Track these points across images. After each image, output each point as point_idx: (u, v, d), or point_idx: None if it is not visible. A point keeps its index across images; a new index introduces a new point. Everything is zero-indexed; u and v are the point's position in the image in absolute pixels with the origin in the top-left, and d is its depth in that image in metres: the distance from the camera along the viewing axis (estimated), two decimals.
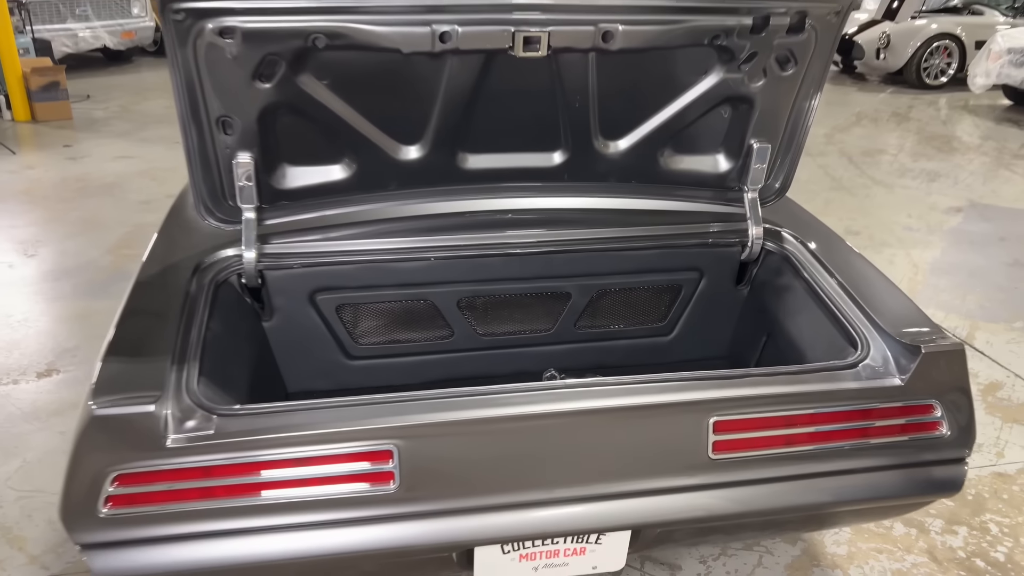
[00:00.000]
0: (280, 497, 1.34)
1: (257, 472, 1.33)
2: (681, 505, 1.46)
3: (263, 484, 1.34)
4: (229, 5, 1.39)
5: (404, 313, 1.97)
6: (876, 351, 1.53)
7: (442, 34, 1.46)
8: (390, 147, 1.72)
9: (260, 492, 1.34)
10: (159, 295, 1.61)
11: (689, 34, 1.56)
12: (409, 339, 2.01)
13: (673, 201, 1.92)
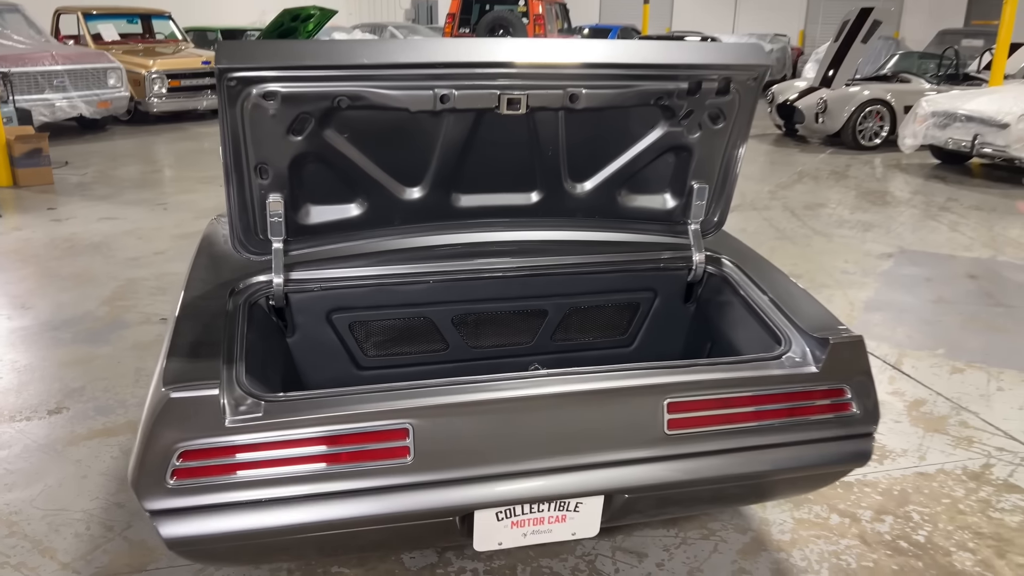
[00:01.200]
0: (317, 469, 1.63)
1: (298, 448, 1.62)
2: (643, 474, 1.78)
3: (303, 458, 1.62)
4: (272, 74, 1.74)
5: (406, 329, 2.30)
6: (796, 346, 1.89)
7: (442, 96, 1.82)
8: (396, 189, 2.07)
9: (301, 465, 1.62)
10: (204, 311, 1.91)
11: (639, 96, 1.95)
12: (410, 351, 2.33)
13: (630, 233, 2.30)
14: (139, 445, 1.60)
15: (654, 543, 2.44)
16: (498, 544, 1.83)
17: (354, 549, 1.87)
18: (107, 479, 2.75)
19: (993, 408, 3.32)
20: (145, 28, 12.49)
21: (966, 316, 4.37)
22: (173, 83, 11.04)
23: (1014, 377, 3.61)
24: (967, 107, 8.00)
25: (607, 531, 2.47)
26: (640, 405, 1.76)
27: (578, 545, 2.42)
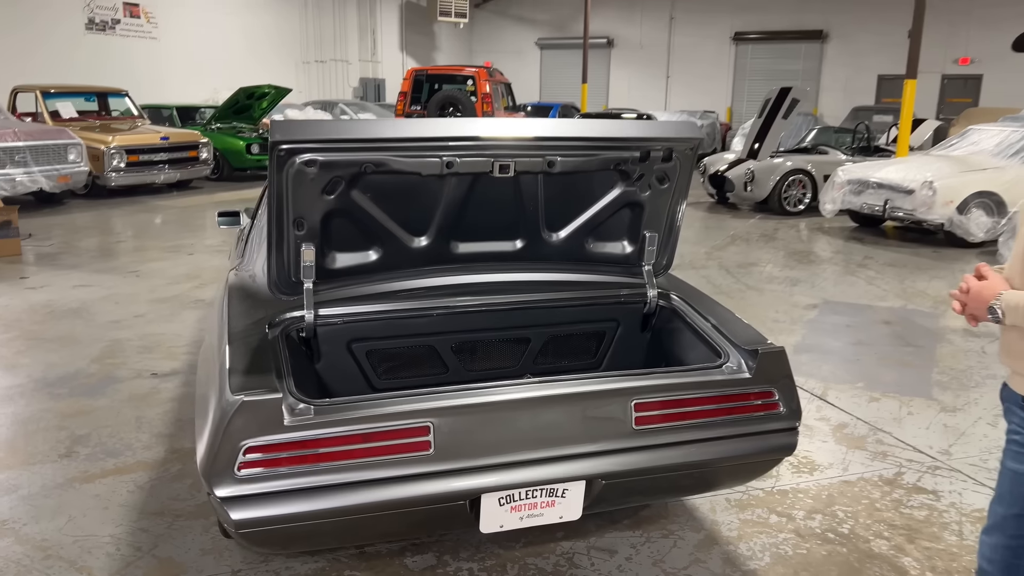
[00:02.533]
0: (357, 460, 2.00)
1: (343, 444, 2.00)
2: (616, 462, 2.20)
3: (346, 452, 2.00)
4: (314, 146, 2.17)
5: (414, 356, 2.70)
6: (732, 358, 2.36)
7: (448, 162, 2.28)
8: (406, 239, 2.51)
9: (344, 458, 2.00)
10: (248, 340, 2.29)
11: (602, 162, 2.45)
12: (417, 375, 2.72)
13: (596, 274, 2.78)
14: (209, 442, 1.96)
15: (623, 542, 2.84)
16: (500, 526, 2.21)
17: (383, 534, 2.23)
18: (128, 509, 3.02)
19: (904, 428, 3.84)
20: (101, 105, 12.80)
21: (881, 355, 4.95)
22: (132, 158, 11.33)
23: (921, 404, 4.16)
24: (878, 175, 8.86)
25: (582, 533, 2.87)
26: (612, 405, 2.19)
27: (558, 545, 2.80)
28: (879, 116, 14.93)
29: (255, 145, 13.36)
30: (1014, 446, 1.84)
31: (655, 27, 24.52)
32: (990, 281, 1.82)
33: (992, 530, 1.90)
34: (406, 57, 24.54)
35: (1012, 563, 1.85)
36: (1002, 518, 1.86)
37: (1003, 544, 1.86)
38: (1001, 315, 1.76)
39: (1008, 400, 1.90)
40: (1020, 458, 1.82)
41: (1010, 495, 1.85)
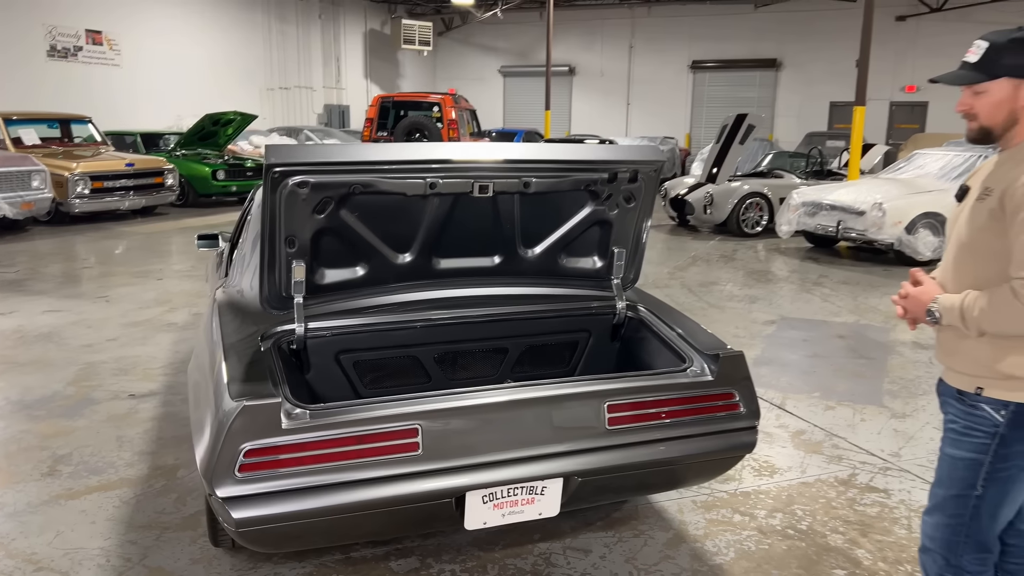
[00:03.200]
0: (351, 461, 2.13)
1: (338, 445, 2.13)
2: (591, 460, 2.36)
3: (341, 453, 2.13)
4: (306, 168, 2.33)
5: (398, 366, 2.85)
6: (696, 362, 2.55)
7: (431, 183, 2.45)
8: (391, 255, 2.66)
9: (339, 459, 2.13)
10: (243, 351, 2.41)
11: (573, 183, 2.64)
12: (401, 384, 2.86)
13: (568, 288, 2.96)
14: (210, 446, 2.08)
15: (597, 542, 2.99)
16: (483, 523, 2.35)
17: (375, 532, 2.35)
18: (115, 523, 3.09)
19: (858, 434, 4.07)
20: (64, 132, 12.74)
21: (836, 367, 5.20)
22: (96, 184, 11.30)
23: (873, 411, 4.40)
24: (831, 198, 9.23)
25: (558, 534, 3.02)
26: (587, 407, 2.36)
27: (536, 546, 2.95)
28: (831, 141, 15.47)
29: (221, 171, 13.38)
30: (951, 434, 2.01)
31: (615, 56, 25.10)
32: (925, 286, 2.00)
33: (933, 511, 2.06)
34: (370, 84, 24.76)
35: (952, 540, 2.01)
36: (942, 499, 2.03)
37: (943, 523, 2.03)
38: (938, 316, 1.93)
39: (944, 394, 2.07)
40: (957, 444, 1.98)
41: (948, 478, 2.01)
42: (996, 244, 1.83)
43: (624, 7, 24.50)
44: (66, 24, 15.68)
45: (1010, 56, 1.83)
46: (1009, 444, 1.89)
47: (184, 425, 4.05)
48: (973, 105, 1.91)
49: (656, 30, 24.42)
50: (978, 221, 1.89)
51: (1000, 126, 1.89)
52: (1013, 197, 1.78)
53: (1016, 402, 1.87)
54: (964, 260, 1.94)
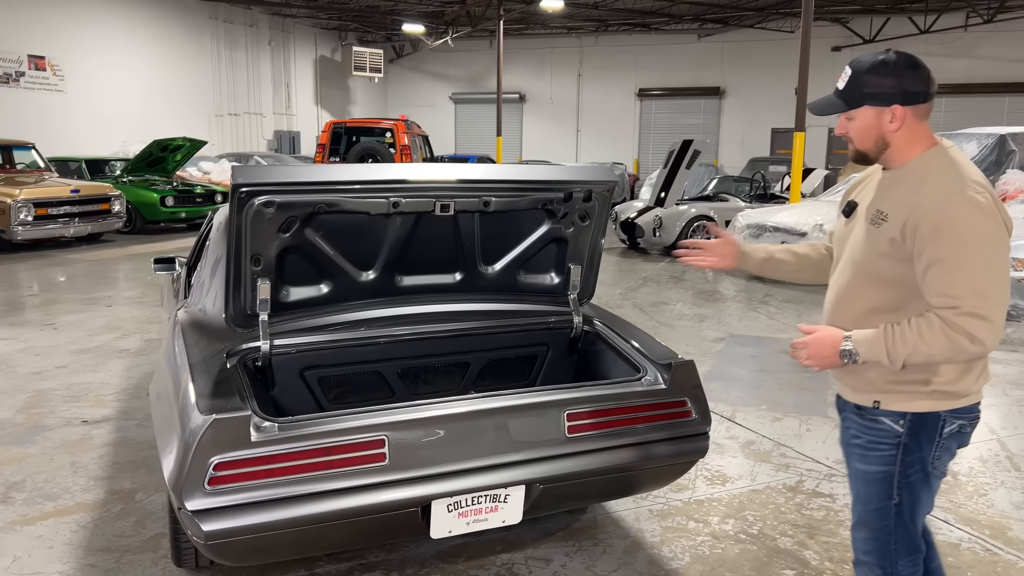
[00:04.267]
0: (320, 472, 2.18)
1: (306, 457, 2.18)
2: (552, 467, 2.44)
3: (310, 464, 2.18)
4: (271, 188, 2.39)
5: (362, 381, 2.90)
6: (649, 372, 2.67)
7: (394, 202, 2.53)
8: (354, 273, 2.73)
9: (308, 470, 2.18)
10: (209, 368, 2.44)
11: (531, 202, 2.75)
12: (365, 399, 2.91)
13: (527, 304, 3.06)
14: (179, 460, 2.11)
15: (557, 551, 3.07)
16: (448, 532, 2.42)
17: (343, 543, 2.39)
18: (73, 547, 3.06)
19: (804, 443, 4.24)
20: (6, 159, 12.45)
21: (783, 381, 5.40)
22: (40, 211, 11.07)
23: (818, 422, 4.58)
24: (774, 220, 9.56)
25: (519, 545, 3.09)
26: (548, 416, 2.45)
27: (498, 557, 3.01)
28: (774, 166, 15.97)
29: (170, 198, 13.21)
30: (857, 449, 2.02)
31: (564, 83, 25.56)
32: (822, 334, 1.92)
33: (859, 526, 2.06)
34: (321, 110, 24.73)
35: (883, 549, 2.02)
36: (865, 514, 2.03)
37: (872, 536, 2.03)
38: (856, 356, 1.86)
39: (844, 410, 2.08)
40: (865, 459, 1.99)
41: (865, 493, 2.02)
42: (898, 270, 1.84)
43: (572, 36, 25.02)
44: (7, 49, 15.38)
45: (871, 84, 1.85)
46: (912, 451, 1.93)
47: (140, 449, 4.02)
48: (848, 130, 1.94)
49: (604, 59, 24.97)
50: (878, 248, 1.87)
51: (872, 150, 1.92)
52: (919, 225, 1.77)
53: (913, 412, 1.91)
54: (861, 284, 1.93)
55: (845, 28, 21.62)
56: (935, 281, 1.76)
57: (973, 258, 1.73)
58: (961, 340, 1.74)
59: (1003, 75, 20.54)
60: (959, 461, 4.02)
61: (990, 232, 1.75)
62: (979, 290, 1.73)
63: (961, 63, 21.03)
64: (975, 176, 1.80)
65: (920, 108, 1.87)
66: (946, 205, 1.75)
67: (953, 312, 1.74)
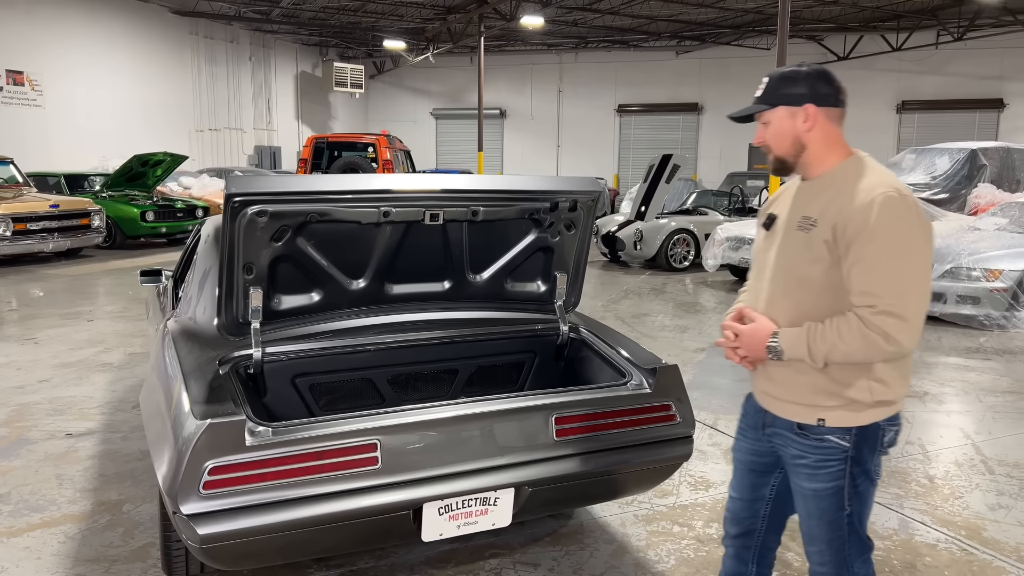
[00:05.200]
0: (313, 476, 2.21)
1: (300, 461, 2.21)
2: (541, 471, 2.49)
3: (303, 468, 2.21)
4: (264, 198, 2.43)
5: (352, 388, 2.94)
6: (635, 376, 2.73)
7: (385, 212, 2.58)
8: (345, 282, 2.77)
9: (301, 474, 2.21)
10: (203, 375, 2.47)
11: (518, 212, 2.81)
12: (356, 406, 2.95)
13: (514, 312, 3.11)
14: (174, 464, 2.13)
15: (545, 555, 3.11)
16: (439, 535, 2.45)
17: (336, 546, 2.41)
18: (61, 558, 3.06)
19: None
20: None
21: None
22: (19, 226, 10.99)
23: None
24: (752, 233, 9.70)
25: (508, 550, 3.13)
26: (536, 419, 2.50)
27: (487, 563, 3.05)
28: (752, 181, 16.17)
29: (150, 212, 13.16)
30: (804, 469, 1.99)
31: (545, 99, 25.77)
32: (758, 323, 1.97)
33: (814, 541, 2.05)
34: (302, 126, 24.73)
35: (838, 558, 2.03)
36: (818, 530, 2.03)
37: (827, 548, 2.03)
38: (781, 352, 1.90)
39: (776, 426, 2.04)
40: (814, 478, 1.97)
41: (818, 510, 2.00)
42: (832, 275, 1.86)
43: (552, 53, 25.26)
44: None
45: (785, 86, 1.93)
46: (859, 463, 1.95)
47: (126, 461, 4.02)
48: (765, 137, 1.97)
49: (584, 75, 25.22)
50: (811, 252, 1.88)
51: (790, 154, 1.95)
52: (846, 228, 1.80)
53: (857, 426, 1.92)
54: (795, 291, 1.94)
55: (820, 46, 22.02)
56: (856, 280, 1.81)
57: (893, 259, 1.78)
58: (877, 339, 1.77)
59: (973, 92, 21.00)
60: (935, 465, 4.11)
61: (911, 234, 1.79)
62: (897, 290, 1.77)
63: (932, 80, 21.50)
64: (895, 181, 1.85)
65: (832, 111, 1.94)
66: (869, 207, 1.79)
67: (871, 311, 1.78)
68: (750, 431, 2.20)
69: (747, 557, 2.31)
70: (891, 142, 21.88)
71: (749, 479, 2.24)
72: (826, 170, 1.94)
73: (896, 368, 1.92)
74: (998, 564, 3.09)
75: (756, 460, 2.20)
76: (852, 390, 1.90)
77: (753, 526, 2.27)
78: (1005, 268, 7.42)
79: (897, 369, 1.93)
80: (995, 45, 19.86)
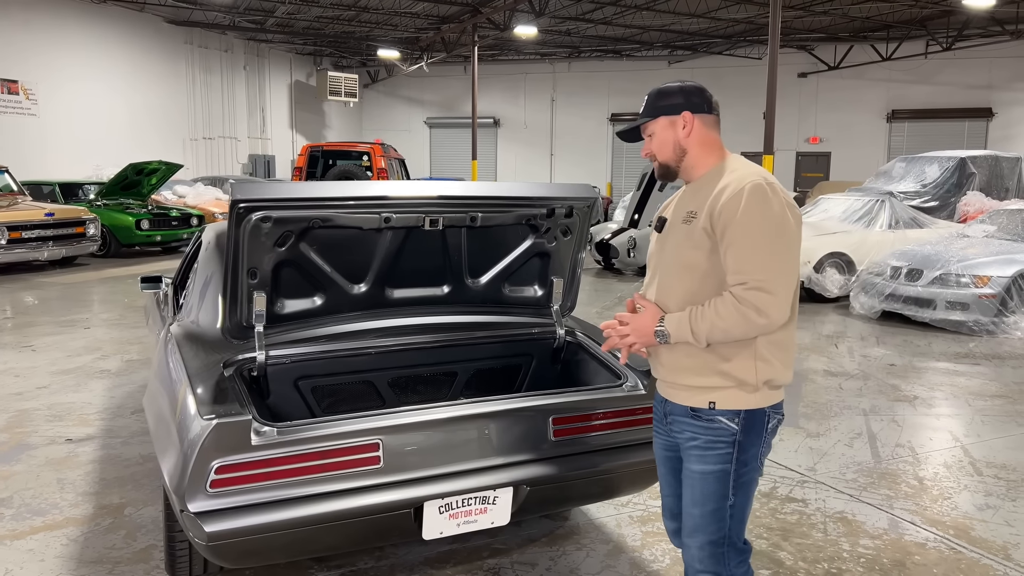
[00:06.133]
0: (316, 475, 2.27)
1: (303, 461, 2.27)
2: (539, 470, 2.55)
3: (307, 468, 2.26)
4: (269, 204, 2.49)
5: (354, 391, 2.99)
6: (630, 378, 2.79)
7: (386, 218, 2.65)
8: (346, 286, 2.83)
9: (306, 473, 2.26)
10: (208, 377, 2.52)
11: (516, 218, 2.88)
12: (356, 408, 3.00)
13: (511, 316, 3.18)
14: (181, 463, 2.18)
15: (542, 556, 3.17)
16: (440, 533, 2.51)
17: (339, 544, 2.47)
18: (65, 559, 3.10)
19: (777, 452, 4.38)
20: None
21: None
22: (14, 235, 11.01)
23: (790, 431, 4.73)
24: None
25: (505, 551, 3.18)
26: (535, 420, 2.56)
27: (485, 563, 3.10)
28: None
29: (145, 221, 13.18)
30: (695, 451, 2.06)
31: (538, 108, 25.92)
32: (646, 311, 2.08)
33: (695, 532, 2.08)
34: (296, 134, 24.81)
35: (717, 553, 2.07)
36: (701, 518, 2.06)
37: (707, 541, 2.07)
38: (667, 335, 2.01)
39: (673, 413, 2.13)
40: (703, 460, 2.05)
41: (702, 495, 2.05)
42: (713, 260, 1.99)
43: (546, 62, 25.42)
44: None
45: (663, 99, 2.12)
46: (746, 449, 2.03)
47: (127, 466, 4.06)
48: (651, 148, 2.15)
49: (576, 84, 25.38)
50: (693, 241, 2.02)
51: (672, 159, 2.12)
52: (720, 215, 1.95)
53: (746, 409, 2.01)
54: (684, 279, 2.05)
55: (810, 55, 22.23)
56: (730, 261, 1.94)
57: (760, 240, 1.92)
58: (750, 313, 1.90)
59: (962, 101, 21.23)
60: (925, 467, 4.19)
61: (776, 217, 1.94)
62: (765, 266, 1.91)
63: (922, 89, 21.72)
64: (763, 172, 2.01)
65: (707, 117, 2.12)
66: (739, 193, 1.94)
67: (743, 287, 1.91)
68: (659, 425, 2.28)
69: None
70: (881, 150, 22.09)
71: (670, 473, 2.28)
72: (704, 172, 2.11)
73: (777, 347, 2.03)
74: (985, 562, 3.16)
75: (670, 453, 2.25)
76: (737, 368, 2.00)
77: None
78: (993, 274, 7.52)
79: (779, 348, 2.03)
80: (983, 55, 20.09)
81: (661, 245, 2.19)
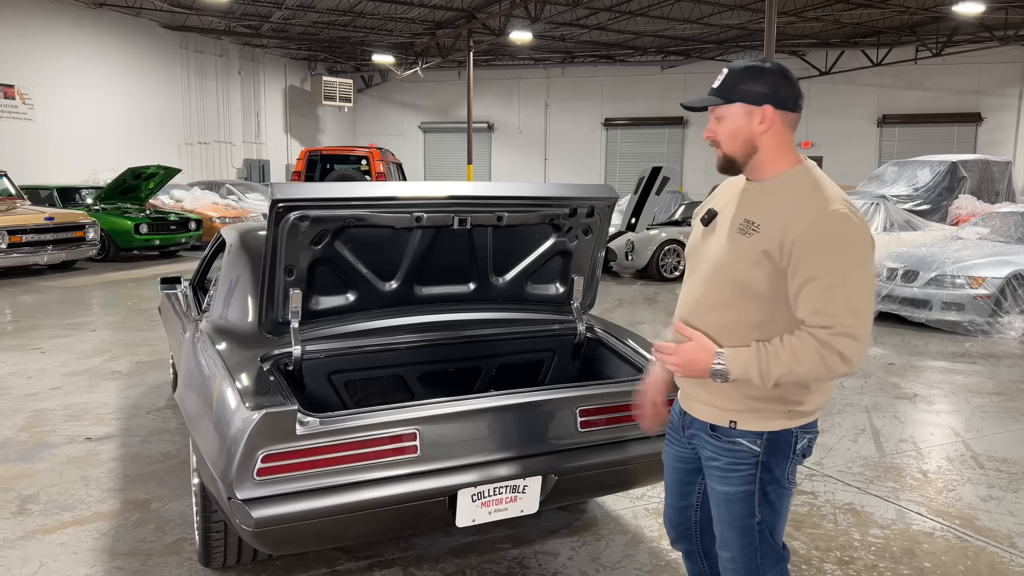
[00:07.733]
0: (358, 463, 2.36)
1: (346, 449, 2.35)
2: (567, 460, 2.65)
3: (349, 456, 2.35)
4: (306, 204, 2.58)
5: (385, 385, 3.08)
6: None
7: (417, 217, 2.74)
8: (378, 283, 2.92)
9: (347, 461, 2.35)
10: (247, 371, 2.61)
11: (539, 217, 2.98)
12: (386, 401, 3.09)
13: (534, 312, 3.28)
14: (227, 453, 2.27)
15: (563, 546, 3.26)
16: (472, 520, 2.59)
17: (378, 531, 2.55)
18: (97, 552, 3.17)
19: None
20: None
21: None
22: (14, 239, 11.03)
23: None
24: None
25: (528, 541, 3.27)
26: (562, 411, 2.66)
27: (508, 552, 3.19)
28: None
29: (144, 225, 13.21)
30: (716, 472, 1.94)
31: (532, 113, 26.07)
32: (697, 341, 1.84)
33: (726, 546, 1.98)
34: (290, 139, 24.86)
35: (751, 566, 1.97)
36: (730, 535, 1.96)
37: (739, 555, 1.96)
38: (727, 375, 1.79)
39: (693, 427, 2.01)
40: (725, 481, 1.92)
41: (728, 514, 1.94)
42: (766, 283, 1.79)
43: (540, 67, 25.58)
44: None
45: (745, 82, 1.82)
46: (771, 469, 1.89)
47: (148, 463, 4.13)
48: (716, 132, 1.88)
49: (570, 89, 25.55)
50: (749, 257, 1.80)
51: (740, 154, 1.85)
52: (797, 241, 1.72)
53: (769, 431, 1.87)
54: (725, 294, 1.86)
55: (802, 61, 22.46)
56: (811, 298, 1.73)
57: (848, 276, 1.72)
58: (833, 360, 1.71)
59: (951, 106, 21.51)
60: (928, 461, 4.31)
61: (864, 251, 1.74)
62: (854, 309, 1.72)
63: (912, 94, 21.99)
64: (845, 196, 1.78)
65: (788, 116, 1.85)
66: (822, 222, 1.73)
67: (828, 332, 1.71)
68: (675, 434, 2.15)
69: (696, 558, 2.27)
70: (872, 155, 22.34)
71: (677, 484, 2.19)
72: (773, 175, 1.86)
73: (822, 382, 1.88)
74: (992, 550, 3.27)
75: (681, 465, 2.15)
76: (757, 395, 1.85)
77: (688, 531, 2.23)
78: (988, 275, 7.67)
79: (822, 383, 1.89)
80: (972, 60, 20.38)
81: (705, 242, 1.96)
